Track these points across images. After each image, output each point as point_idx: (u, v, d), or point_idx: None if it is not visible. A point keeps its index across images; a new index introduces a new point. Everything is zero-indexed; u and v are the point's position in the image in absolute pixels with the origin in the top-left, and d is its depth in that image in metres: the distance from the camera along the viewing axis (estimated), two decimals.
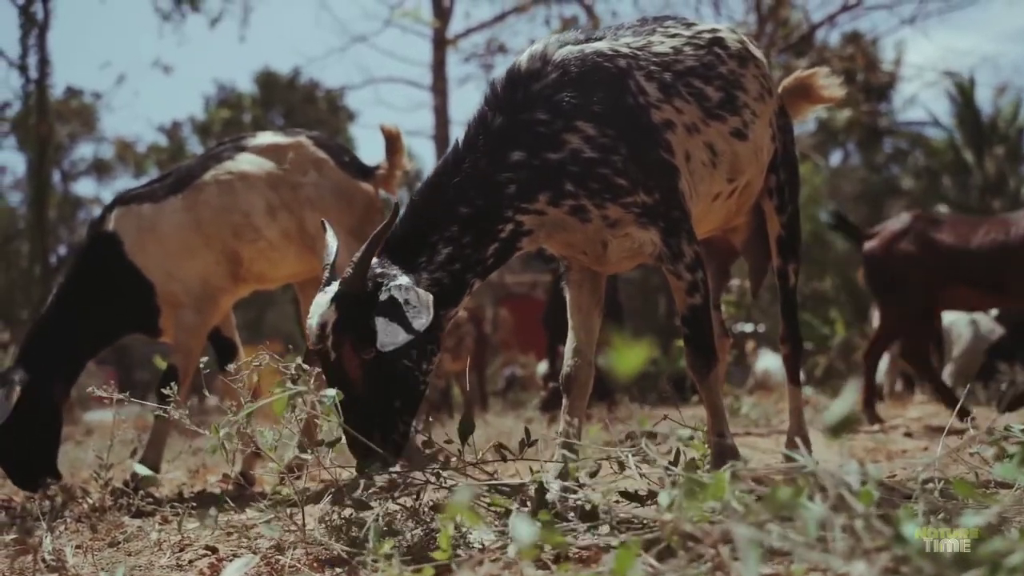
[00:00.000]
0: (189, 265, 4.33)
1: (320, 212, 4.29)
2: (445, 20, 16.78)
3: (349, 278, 2.43)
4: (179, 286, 4.32)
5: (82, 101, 26.58)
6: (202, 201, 4.37)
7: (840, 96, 3.73)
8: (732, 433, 2.85)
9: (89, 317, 4.31)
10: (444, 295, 2.54)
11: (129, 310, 4.37)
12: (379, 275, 2.47)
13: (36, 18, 15.24)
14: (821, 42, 15.93)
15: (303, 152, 4.49)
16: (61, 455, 6.15)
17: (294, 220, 4.37)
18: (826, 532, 1.22)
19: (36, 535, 2.60)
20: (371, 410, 2.45)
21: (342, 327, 2.41)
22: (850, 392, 1.29)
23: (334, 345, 2.42)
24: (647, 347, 1.03)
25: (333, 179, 4.46)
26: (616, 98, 2.69)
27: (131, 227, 4.34)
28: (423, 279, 2.53)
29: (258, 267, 4.46)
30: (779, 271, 3.39)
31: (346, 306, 2.42)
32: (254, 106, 29.73)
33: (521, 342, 15.80)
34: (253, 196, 4.38)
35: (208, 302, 4.37)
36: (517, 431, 5.79)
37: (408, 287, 2.42)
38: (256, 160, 4.47)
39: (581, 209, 2.67)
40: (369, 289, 2.43)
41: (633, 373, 1.05)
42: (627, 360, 1.01)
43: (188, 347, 4.31)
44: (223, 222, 4.36)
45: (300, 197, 4.38)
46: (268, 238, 4.38)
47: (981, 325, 9.75)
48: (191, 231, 4.35)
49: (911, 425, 5.54)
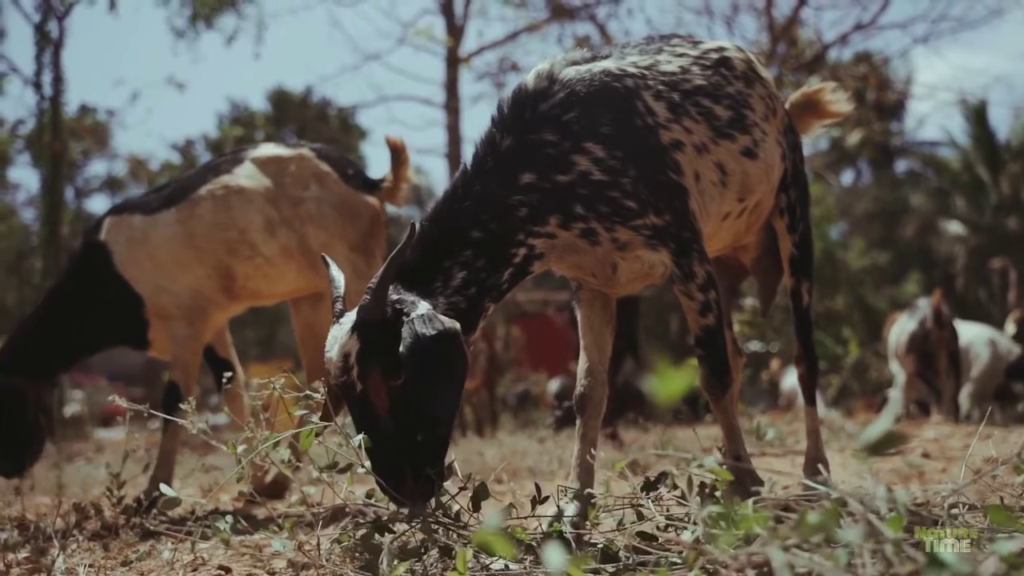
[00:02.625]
0: (179, 278, 4.27)
1: (322, 227, 4.25)
2: (458, 39, 16.85)
3: (368, 306, 2.32)
4: (169, 299, 4.26)
5: (96, 118, 26.72)
6: (197, 215, 4.30)
7: (847, 111, 3.71)
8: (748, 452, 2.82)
9: (73, 325, 4.29)
10: (462, 319, 2.47)
11: (115, 321, 4.32)
12: (396, 302, 2.38)
13: (51, 36, 15.35)
14: (833, 61, 15.91)
15: (305, 165, 4.41)
16: (72, 472, 6.19)
17: (295, 236, 4.29)
18: (855, 558, 1.20)
19: (49, 554, 2.59)
20: (401, 444, 2.30)
21: (367, 356, 2.30)
22: (890, 410, 1.26)
23: (360, 376, 2.29)
24: (690, 372, 1.01)
25: (336, 193, 4.37)
26: (624, 119, 2.68)
27: (121, 238, 4.29)
28: (440, 304, 2.47)
29: (253, 284, 4.38)
30: (792, 291, 3.35)
31: (368, 335, 2.31)
32: (266, 124, 29.88)
33: (533, 360, 15.75)
34: (251, 212, 4.30)
35: (199, 314, 4.30)
36: (530, 451, 5.78)
37: (431, 316, 2.33)
38: (255, 174, 4.39)
39: (591, 232, 2.64)
40: (389, 316, 2.34)
41: (676, 398, 1.03)
42: (671, 385, 0.99)
43: (185, 361, 4.26)
44: (217, 238, 4.28)
45: (301, 213, 4.30)
46: (265, 255, 4.31)
47: (999, 345, 9.70)
48: (182, 245, 4.28)
49: (928, 446, 5.48)
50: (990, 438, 3.78)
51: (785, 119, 3.30)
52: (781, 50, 14.21)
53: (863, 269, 22.28)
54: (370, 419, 2.28)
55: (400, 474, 2.27)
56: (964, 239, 22.70)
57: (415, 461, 2.28)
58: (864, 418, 9.71)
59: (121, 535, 3.14)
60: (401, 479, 2.27)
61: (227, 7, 17.96)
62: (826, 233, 22.16)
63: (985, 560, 1.13)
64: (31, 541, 2.85)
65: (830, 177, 21.53)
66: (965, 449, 4.92)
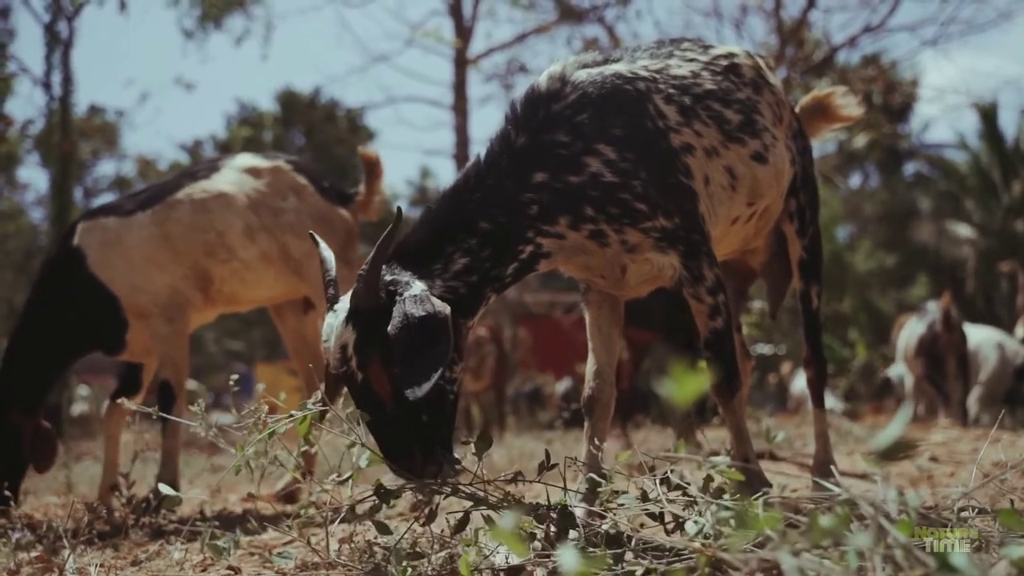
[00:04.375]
0: (156, 277, 4.29)
1: (302, 239, 4.31)
2: (466, 40, 16.85)
3: (360, 292, 2.31)
4: (146, 297, 4.28)
5: (105, 119, 26.77)
6: (174, 218, 4.34)
7: (858, 115, 3.71)
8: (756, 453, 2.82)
9: (53, 334, 4.27)
10: (460, 304, 2.47)
11: (93, 324, 4.31)
12: (391, 283, 2.38)
13: (61, 36, 15.38)
14: (842, 63, 15.87)
15: (282, 177, 4.49)
16: (82, 471, 6.21)
17: (276, 244, 4.36)
18: (865, 562, 1.20)
19: (61, 554, 2.61)
20: (408, 427, 2.32)
21: (364, 344, 2.30)
22: (901, 417, 1.26)
23: (360, 366, 2.30)
24: (705, 376, 1.01)
25: (313, 205, 4.46)
26: (636, 122, 2.68)
27: (95, 240, 4.30)
28: (436, 286, 2.45)
29: (230, 287, 4.43)
30: (802, 294, 3.36)
31: (363, 323, 2.31)
32: (275, 125, 29.95)
33: (539, 361, 15.77)
34: (230, 216, 4.36)
35: (178, 311, 4.32)
36: (538, 453, 5.77)
37: (423, 297, 2.32)
38: (235, 180, 4.46)
39: (600, 234, 2.64)
40: (384, 299, 2.33)
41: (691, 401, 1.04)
42: (686, 389, 1.00)
43: (172, 357, 4.28)
44: (195, 240, 4.33)
45: (282, 222, 4.37)
46: (242, 259, 4.36)
47: (1007, 348, 9.66)
48: (158, 246, 4.31)
49: (936, 450, 5.47)
50: (999, 442, 3.77)
51: (794, 124, 3.30)
52: (790, 52, 14.17)
53: (870, 272, 22.27)
54: (374, 406, 2.29)
55: (411, 455, 2.31)
56: (973, 242, 22.65)
57: (423, 440, 2.32)
58: (871, 421, 9.69)
59: (131, 535, 3.15)
60: (412, 459, 2.31)
61: (236, 8, 17.98)
62: (833, 235, 22.14)
63: (995, 564, 1.14)
64: (42, 541, 2.86)
65: (838, 180, 21.47)
66: (974, 453, 4.92)
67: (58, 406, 12.35)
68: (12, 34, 15.50)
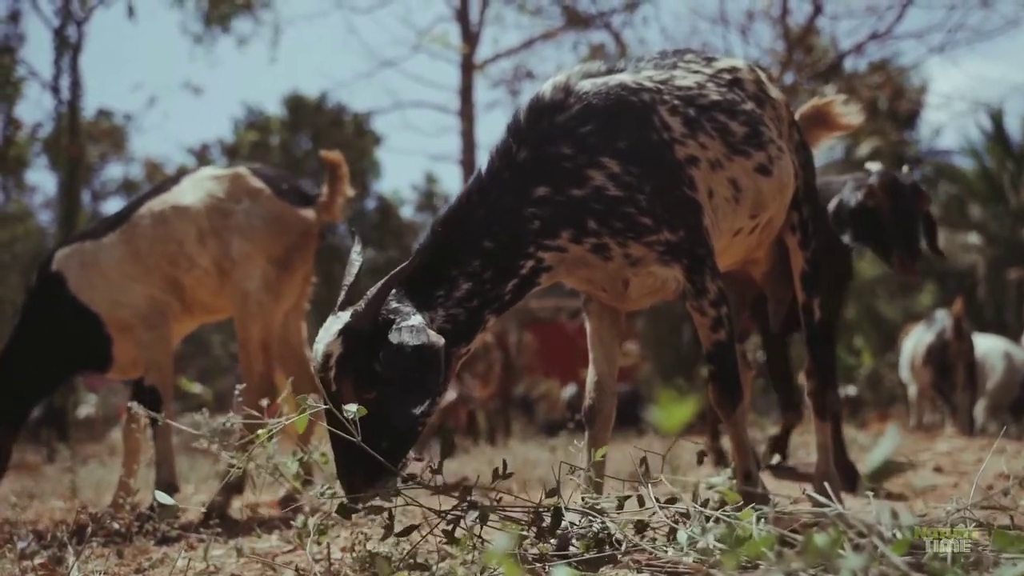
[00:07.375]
0: (133, 289, 4.42)
1: (247, 238, 4.40)
2: (473, 46, 16.88)
3: (360, 313, 2.33)
4: (127, 310, 4.40)
5: (113, 122, 26.82)
6: (139, 233, 4.47)
7: (857, 124, 3.72)
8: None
9: (38, 359, 4.40)
10: (458, 332, 2.49)
11: (78, 345, 4.44)
12: (392, 310, 2.38)
13: (69, 40, 15.45)
14: (850, 70, 15.83)
15: (239, 183, 4.59)
16: (87, 476, 6.23)
17: (221, 246, 4.43)
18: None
19: (65, 562, 2.62)
20: (362, 451, 2.26)
21: (344, 364, 2.32)
22: (890, 437, 1.27)
23: (335, 379, 2.33)
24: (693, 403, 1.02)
25: (267, 207, 4.53)
26: (640, 134, 2.67)
27: (74, 264, 4.44)
28: (438, 316, 2.46)
29: (200, 295, 4.54)
30: (804, 306, 3.35)
31: (352, 341, 2.32)
32: (282, 129, 29.94)
33: (544, 367, 15.75)
34: (185, 224, 4.46)
35: (159, 318, 4.44)
36: (541, 461, 5.77)
37: (420, 329, 2.32)
38: (191, 190, 4.56)
39: (603, 247, 2.64)
40: (380, 323, 2.34)
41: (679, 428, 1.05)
42: (673, 416, 1.01)
43: (157, 362, 4.39)
44: (159, 251, 4.45)
45: (230, 224, 4.45)
46: (202, 266, 4.47)
47: (1015, 357, 9.60)
48: (130, 262, 4.43)
49: (940, 460, 5.46)
50: (1004, 452, 3.76)
51: (796, 136, 3.30)
52: (797, 58, 14.15)
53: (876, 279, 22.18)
54: (338, 420, 2.27)
55: (354, 475, 2.30)
56: (981, 249, 22.56)
57: (372, 466, 2.28)
58: (877, 429, 9.64)
59: (135, 541, 3.17)
60: (354, 480, 2.30)
61: (243, 12, 18.04)
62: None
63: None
64: (48, 548, 2.88)
65: None
66: (978, 463, 4.90)
67: (64, 409, 12.39)
68: (22, 38, 15.54)
